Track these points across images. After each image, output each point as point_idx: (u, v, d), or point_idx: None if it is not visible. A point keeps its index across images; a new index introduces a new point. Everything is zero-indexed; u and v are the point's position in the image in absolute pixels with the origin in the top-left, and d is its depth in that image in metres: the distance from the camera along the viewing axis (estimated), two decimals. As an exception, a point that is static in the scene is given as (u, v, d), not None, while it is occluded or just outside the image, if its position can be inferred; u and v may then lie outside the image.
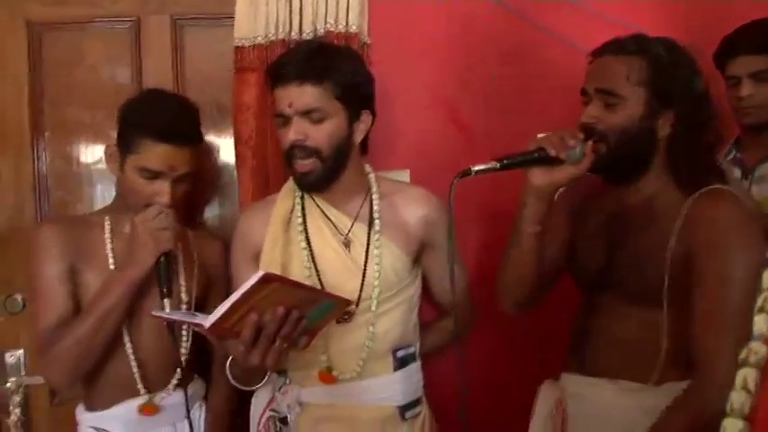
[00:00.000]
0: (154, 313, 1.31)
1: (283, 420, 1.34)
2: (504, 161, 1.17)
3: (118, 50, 1.81)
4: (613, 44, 1.24)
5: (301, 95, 1.28)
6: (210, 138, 1.82)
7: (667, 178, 1.23)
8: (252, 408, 1.39)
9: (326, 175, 1.33)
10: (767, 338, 0.51)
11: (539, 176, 1.20)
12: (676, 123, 1.21)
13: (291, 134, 1.30)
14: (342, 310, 1.26)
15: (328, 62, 1.31)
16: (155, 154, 1.33)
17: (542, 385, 1.40)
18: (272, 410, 1.33)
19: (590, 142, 1.19)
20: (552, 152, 1.17)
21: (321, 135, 1.30)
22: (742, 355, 0.51)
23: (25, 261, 1.44)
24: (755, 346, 0.51)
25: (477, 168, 1.15)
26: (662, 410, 1.15)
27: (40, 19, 1.79)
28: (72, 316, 1.35)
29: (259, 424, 1.34)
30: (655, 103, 1.20)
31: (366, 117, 1.37)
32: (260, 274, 1.04)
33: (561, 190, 1.29)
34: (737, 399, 0.50)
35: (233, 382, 1.26)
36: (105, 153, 1.43)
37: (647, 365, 1.20)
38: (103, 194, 1.83)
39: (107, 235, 1.43)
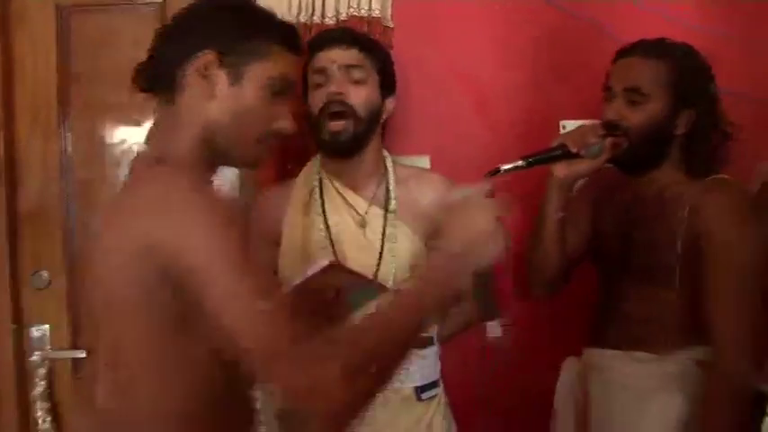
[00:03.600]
0: None
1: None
2: (530, 159, 1.25)
3: (144, 32, 1.83)
4: (641, 46, 1.34)
5: (346, 54, 1.33)
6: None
7: (679, 171, 1.34)
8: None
9: (356, 139, 1.34)
10: None
11: (561, 170, 1.30)
12: (695, 122, 1.32)
13: (333, 86, 1.32)
14: (375, 296, 1.24)
15: (371, 40, 1.42)
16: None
17: (565, 361, 1.51)
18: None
19: (609, 138, 1.29)
20: (573, 149, 1.28)
21: (360, 95, 1.33)
22: None
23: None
24: None
25: (505, 167, 1.22)
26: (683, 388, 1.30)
27: (69, 2, 1.82)
28: None
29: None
30: (676, 103, 1.31)
31: (390, 101, 1.42)
32: (325, 261, 1.03)
33: (582, 181, 1.40)
34: None
35: None
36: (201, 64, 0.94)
37: (659, 339, 1.33)
38: (128, 175, 1.86)
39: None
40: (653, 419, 1.31)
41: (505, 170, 1.22)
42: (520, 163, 1.23)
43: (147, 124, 1.75)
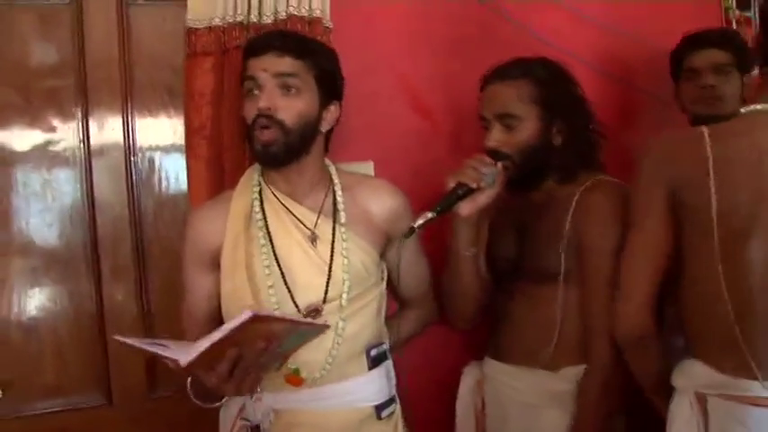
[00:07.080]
0: (116, 337, 1.15)
1: (255, 429, 1.26)
2: (438, 208, 1.26)
3: (55, 28, 1.65)
4: (499, 71, 1.42)
5: (280, 62, 1.24)
6: (161, 124, 1.71)
7: (564, 177, 1.42)
8: (221, 418, 1.30)
9: (288, 150, 1.25)
10: None
11: (465, 207, 1.31)
12: (569, 128, 1.40)
13: (262, 101, 1.23)
14: (319, 334, 1.22)
15: (309, 43, 1.30)
16: None
17: (466, 367, 1.58)
18: (244, 419, 1.26)
19: (499, 164, 1.33)
20: (473, 185, 1.29)
21: (291, 109, 1.24)
22: None
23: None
24: None
25: (418, 223, 1.24)
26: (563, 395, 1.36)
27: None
28: None
29: (231, 434, 1.27)
30: (546, 116, 1.38)
31: (335, 108, 1.33)
32: (248, 314, 0.98)
33: None
34: None
35: (193, 399, 1.17)
36: None
37: (543, 351, 1.39)
38: (36, 184, 1.67)
39: None
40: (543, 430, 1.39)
41: (419, 226, 1.23)
42: (430, 215, 1.24)
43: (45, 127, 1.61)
